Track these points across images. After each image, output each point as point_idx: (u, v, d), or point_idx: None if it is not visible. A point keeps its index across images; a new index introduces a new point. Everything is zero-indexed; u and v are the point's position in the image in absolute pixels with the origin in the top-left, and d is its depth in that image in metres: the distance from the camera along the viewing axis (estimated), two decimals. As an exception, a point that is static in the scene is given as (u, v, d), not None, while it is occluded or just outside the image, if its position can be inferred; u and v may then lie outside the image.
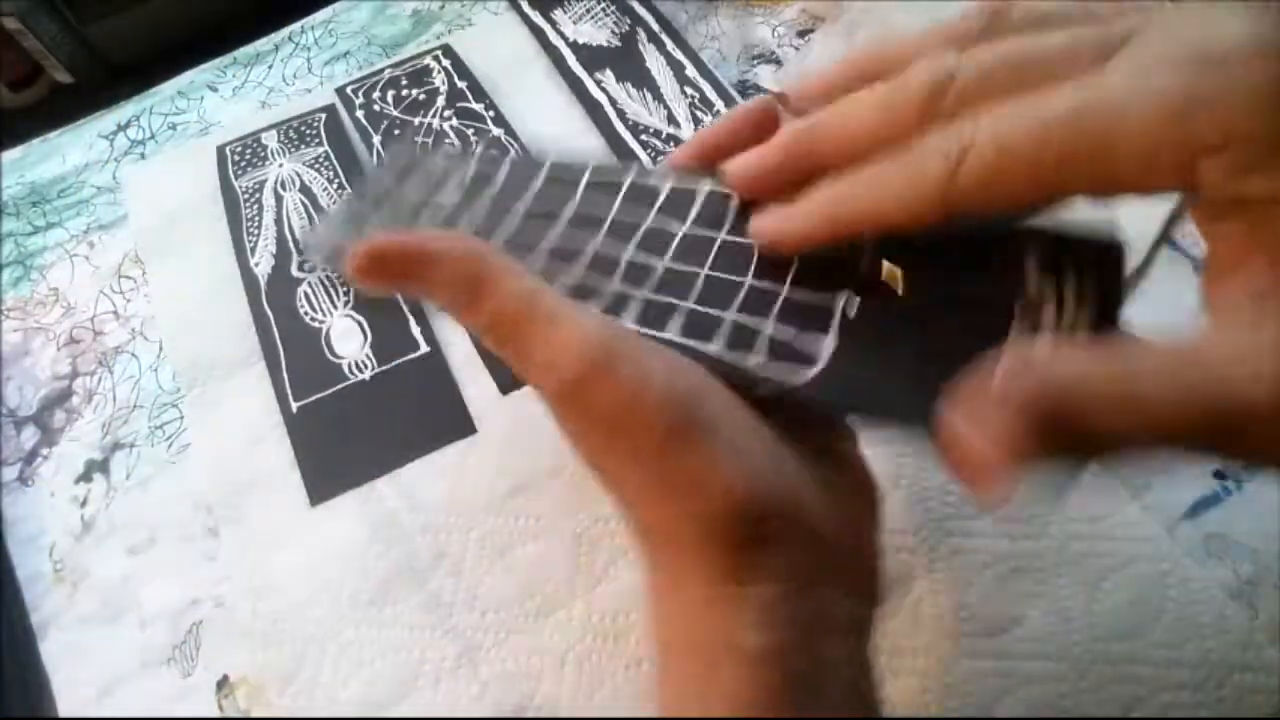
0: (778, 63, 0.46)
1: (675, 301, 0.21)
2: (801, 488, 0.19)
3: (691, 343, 0.21)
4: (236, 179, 0.44)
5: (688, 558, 0.18)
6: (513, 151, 0.29)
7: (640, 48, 0.46)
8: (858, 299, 0.20)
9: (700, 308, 0.21)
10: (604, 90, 0.45)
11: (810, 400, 0.19)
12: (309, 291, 0.40)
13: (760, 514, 0.18)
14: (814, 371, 0.19)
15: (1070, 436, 0.14)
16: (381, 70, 0.48)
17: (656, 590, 0.19)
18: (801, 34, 0.47)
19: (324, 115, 0.46)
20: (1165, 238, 0.36)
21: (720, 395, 0.19)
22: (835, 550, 0.19)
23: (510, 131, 0.44)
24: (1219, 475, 0.32)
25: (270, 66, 0.50)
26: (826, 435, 0.21)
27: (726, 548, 0.18)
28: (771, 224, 0.21)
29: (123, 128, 0.49)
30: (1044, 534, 0.30)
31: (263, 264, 0.41)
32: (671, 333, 0.21)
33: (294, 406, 0.37)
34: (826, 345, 0.20)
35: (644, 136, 0.43)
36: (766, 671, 0.17)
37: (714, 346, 0.20)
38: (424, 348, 0.38)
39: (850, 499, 0.21)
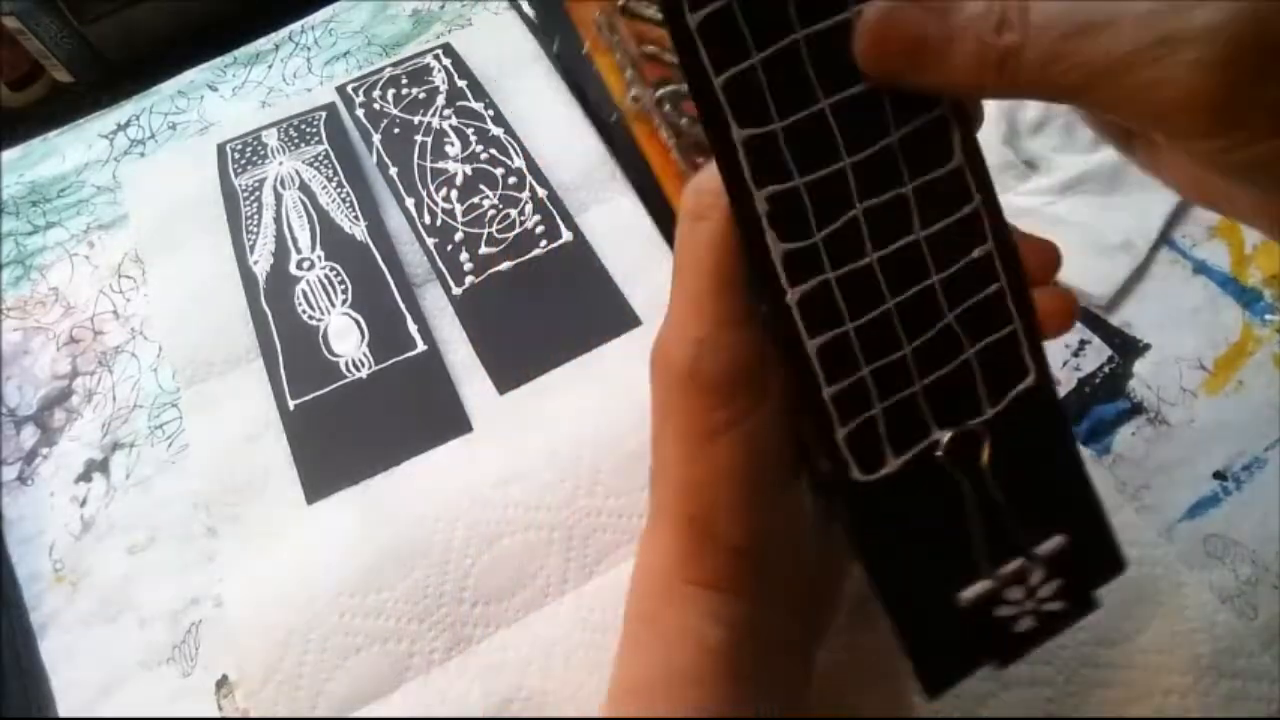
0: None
1: None
2: (799, 518, 0.21)
3: None
4: (236, 177, 0.44)
5: (666, 542, 0.21)
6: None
7: (639, 47, 0.46)
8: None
9: None
10: (603, 89, 0.45)
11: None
12: (307, 290, 0.40)
13: (744, 541, 0.20)
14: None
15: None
16: (382, 69, 0.48)
17: (640, 560, 0.22)
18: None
19: (324, 113, 0.46)
20: (1165, 238, 0.36)
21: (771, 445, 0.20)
22: (809, 584, 0.22)
23: (510, 131, 0.44)
24: (1218, 476, 0.32)
25: (270, 66, 0.50)
26: None
27: (701, 551, 0.20)
28: None
29: (122, 127, 0.49)
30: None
31: (261, 262, 0.41)
32: None
33: (291, 404, 0.37)
34: None
35: (642, 136, 0.43)
36: (715, 660, 0.20)
37: None
38: (421, 346, 0.38)
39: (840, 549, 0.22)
